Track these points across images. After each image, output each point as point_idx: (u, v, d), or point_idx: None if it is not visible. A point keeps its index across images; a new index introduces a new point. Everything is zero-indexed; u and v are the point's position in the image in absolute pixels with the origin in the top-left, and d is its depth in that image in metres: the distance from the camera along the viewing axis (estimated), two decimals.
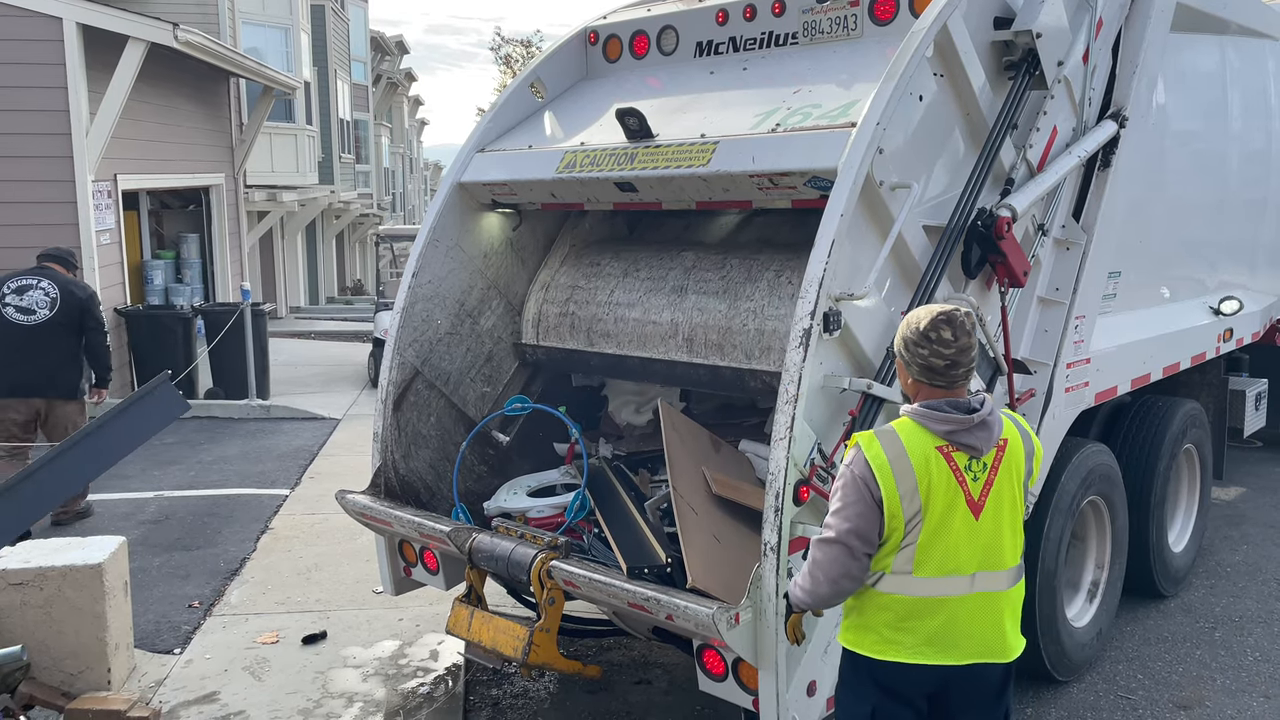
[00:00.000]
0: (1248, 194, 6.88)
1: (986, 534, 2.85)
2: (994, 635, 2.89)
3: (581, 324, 5.04)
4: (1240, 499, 8.11)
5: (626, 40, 5.33)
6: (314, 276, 27.42)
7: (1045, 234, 4.61)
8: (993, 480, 2.85)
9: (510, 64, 44.18)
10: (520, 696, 4.92)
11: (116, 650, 4.80)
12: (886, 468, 2.81)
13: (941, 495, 2.81)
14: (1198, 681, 5.13)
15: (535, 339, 5.25)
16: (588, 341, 5.01)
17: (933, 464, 2.82)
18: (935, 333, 2.83)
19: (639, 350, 4.80)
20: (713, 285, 4.66)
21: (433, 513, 4.75)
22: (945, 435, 2.83)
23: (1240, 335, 7.02)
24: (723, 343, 4.50)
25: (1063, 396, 4.76)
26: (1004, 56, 4.31)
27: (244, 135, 16.24)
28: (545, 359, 5.26)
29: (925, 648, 2.86)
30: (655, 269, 4.93)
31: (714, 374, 4.55)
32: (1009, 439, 2.91)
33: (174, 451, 9.64)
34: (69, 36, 10.84)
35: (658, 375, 4.83)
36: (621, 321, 4.88)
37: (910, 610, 2.86)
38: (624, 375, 5.08)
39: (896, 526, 2.83)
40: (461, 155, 5.14)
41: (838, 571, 2.86)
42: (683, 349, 4.64)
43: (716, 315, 4.56)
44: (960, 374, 2.85)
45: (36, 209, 11.08)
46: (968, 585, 2.84)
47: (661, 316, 4.74)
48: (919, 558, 2.83)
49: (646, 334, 4.78)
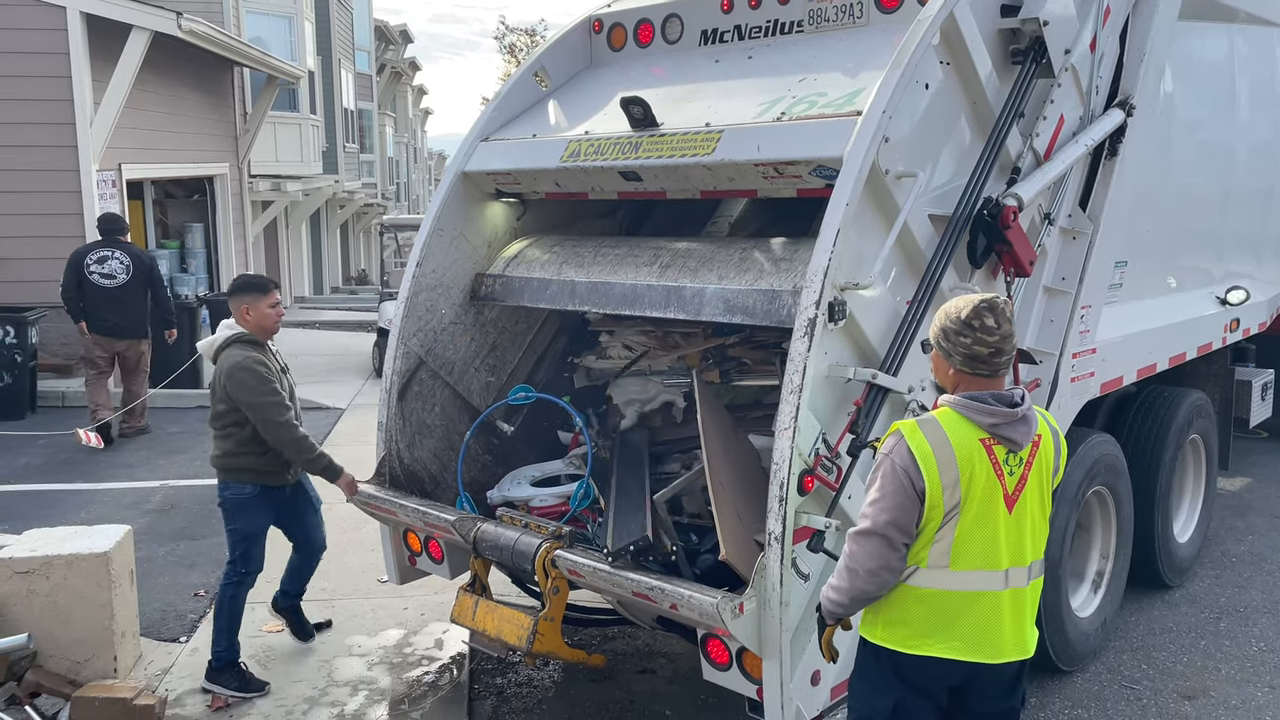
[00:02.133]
0: (1255, 183, 6.85)
1: (1017, 530, 2.84)
2: (1022, 632, 2.90)
3: (558, 258, 4.88)
4: (1246, 489, 8.09)
5: (631, 29, 5.31)
6: (318, 266, 27.44)
7: (1051, 223, 4.59)
8: (1026, 476, 2.83)
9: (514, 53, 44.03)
10: (525, 685, 4.93)
11: (122, 638, 4.81)
12: (931, 458, 2.75)
13: (982, 488, 2.78)
14: (1202, 672, 5.13)
15: (502, 269, 5.02)
16: (557, 271, 4.81)
17: (975, 456, 2.77)
18: (979, 320, 2.80)
19: (609, 276, 4.59)
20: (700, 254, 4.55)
21: (437, 502, 4.76)
22: (989, 428, 2.79)
23: (1247, 325, 7.00)
24: (699, 268, 4.33)
25: (1068, 387, 4.74)
26: (1011, 44, 4.29)
27: (248, 125, 16.23)
28: (501, 290, 4.96)
29: (959, 643, 2.83)
30: (651, 246, 4.83)
31: (676, 294, 4.28)
32: (1043, 435, 2.89)
33: (179, 441, 9.66)
34: (73, 25, 10.84)
35: (620, 299, 4.49)
36: (602, 256, 4.74)
37: (946, 605, 2.82)
38: (585, 302, 4.65)
39: (934, 518, 2.77)
40: (465, 144, 5.13)
41: (877, 564, 2.78)
42: (654, 275, 4.44)
43: (700, 254, 4.44)
44: (1003, 362, 2.83)
45: (41, 198, 11.10)
46: (1001, 581, 2.82)
47: (643, 253, 4.62)
48: (956, 551, 2.79)
49: (623, 262, 4.62)
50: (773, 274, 4.07)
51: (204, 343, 4.85)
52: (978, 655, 2.84)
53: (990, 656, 2.84)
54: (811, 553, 3.40)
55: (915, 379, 3.74)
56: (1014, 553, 2.84)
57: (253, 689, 4.70)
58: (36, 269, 11.11)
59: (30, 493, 7.90)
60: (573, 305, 4.71)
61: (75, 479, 8.30)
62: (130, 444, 9.48)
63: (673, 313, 4.30)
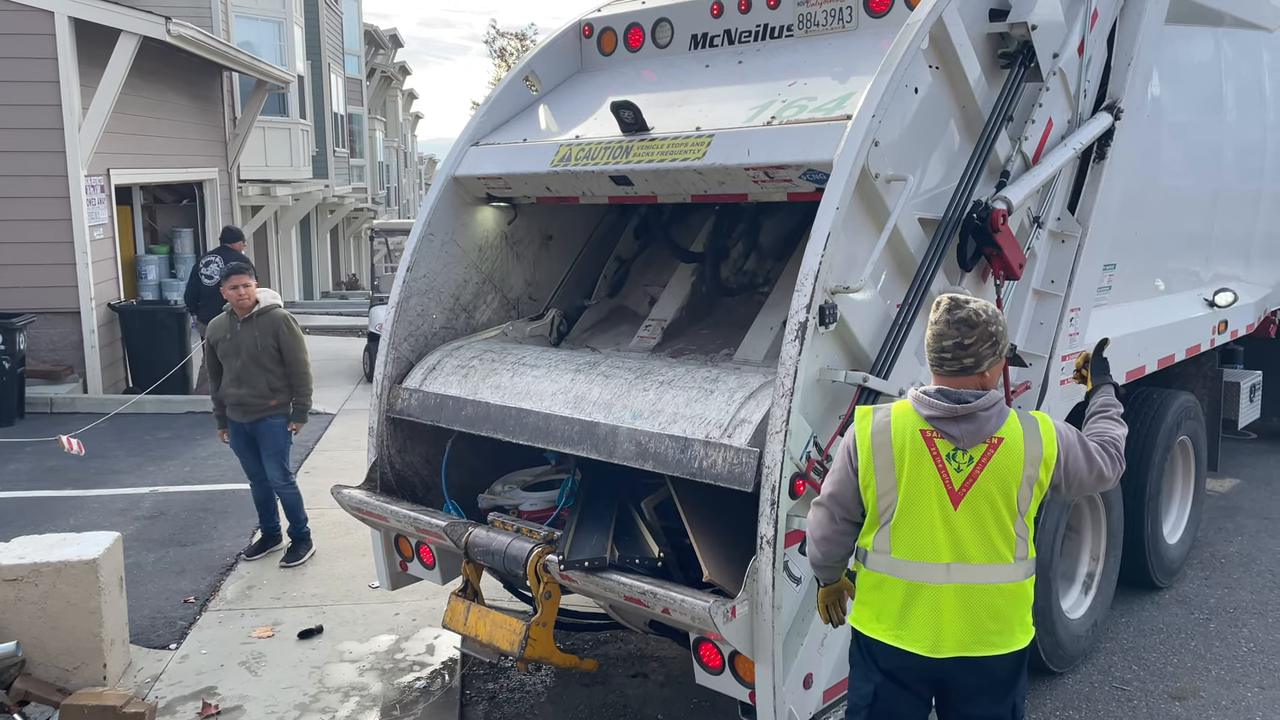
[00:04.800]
0: (1243, 186, 6.88)
1: (965, 526, 2.85)
2: (979, 629, 2.87)
3: (475, 374, 4.64)
4: (1235, 491, 8.13)
5: (621, 33, 5.32)
6: (308, 271, 27.37)
7: (1040, 226, 4.61)
8: (976, 475, 2.85)
9: (505, 57, 44.11)
10: (517, 690, 4.92)
11: (112, 646, 4.79)
12: (867, 440, 2.94)
13: (915, 476, 2.87)
14: (1192, 672, 5.14)
15: (420, 382, 4.76)
16: (473, 390, 4.56)
17: (910, 444, 2.88)
18: (940, 321, 2.90)
19: (522, 401, 4.37)
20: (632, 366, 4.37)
21: (429, 507, 4.75)
22: (928, 420, 2.89)
23: (1235, 327, 7.03)
24: (615, 400, 4.12)
25: (1058, 389, 4.76)
26: (999, 48, 4.31)
27: (237, 129, 16.18)
28: (418, 407, 4.70)
29: (904, 631, 2.90)
30: (574, 363, 4.57)
31: (589, 431, 4.08)
32: (1006, 439, 2.87)
33: (169, 447, 9.62)
34: (61, 30, 10.79)
35: (534, 430, 4.29)
36: (520, 375, 4.51)
37: (893, 591, 2.92)
38: (499, 429, 4.43)
39: (870, 500, 2.94)
40: (456, 149, 5.13)
41: (820, 533, 3.07)
42: (568, 405, 4.22)
43: (622, 377, 4.24)
44: (968, 364, 2.87)
45: (29, 204, 11.05)
46: (944, 574, 2.86)
47: (561, 378, 4.39)
48: (894, 538, 2.91)
49: (539, 384, 4.40)
50: (690, 412, 3.86)
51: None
52: (916, 645, 2.88)
53: (928, 649, 2.87)
54: (803, 556, 3.41)
55: (906, 382, 3.75)
56: (957, 548, 2.86)
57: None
58: (25, 275, 11.06)
59: (18, 500, 7.86)
60: (487, 431, 4.44)
61: (64, 485, 8.26)
62: (119, 450, 9.44)
63: (585, 451, 4.08)
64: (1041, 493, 2.92)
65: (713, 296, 5.30)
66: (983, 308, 2.90)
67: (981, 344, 2.87)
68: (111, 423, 9.93)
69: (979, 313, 2.88)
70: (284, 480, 6.53)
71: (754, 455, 3.53)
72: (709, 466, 3.66)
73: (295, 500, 6.55)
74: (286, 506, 6.58)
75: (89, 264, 11.24)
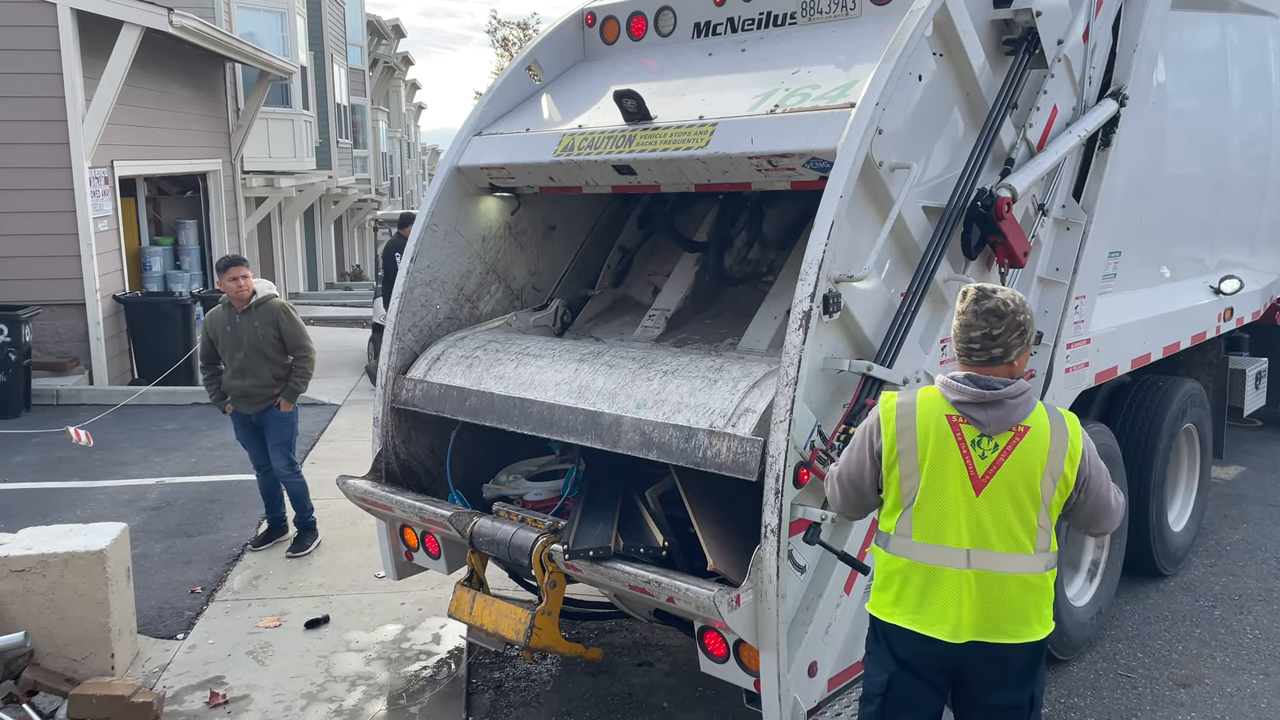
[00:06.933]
0: (1248, 173, 6.86)
1: (987, 513, 2.84)
2: (996, 616, 2.87)
3: (480, 364, 4.64)
4: (1240, 478, 8.12)
5: (624, 22, 5.30)
6: (312, 262, 27.39)
7: (1045, 214, 4.59)
8: (1001, 462, 2.84)
9: (507, 47, 43.98)
10: (522, 679, 4.94)
11: (120, 636, 4.81)
12: (892, 421, 2.93)
13: (939, 460, 2.86)
14: (1197, 660, 5.15)
15: (424, 372, 4.76)
16: (477, 380, 4.56)
17: (935, 427, 2.87)
18: (968, 312, 2.89)
19: (526, 391, 4.37)
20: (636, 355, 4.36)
21: (434, 497, 4.76)
22: (955, 405, 2.88)
23: (1240, 314, 7.02)
24: (619, 390, 4.11)
25: (1063, 377, 4.75)
26: (1004, 35, 4.29)
27: (240, 120, 16.17)
28: (422, 397, 4.70)
29: (921, 616, 2.89)
30: (579, 352, 4.56)
31: (594, 421, 4.08)
32: (1033, 428, 2.85)
33: (175, 438, 9.65)
34: (64, 22, 10.79)
35: (538, 420, 4.29)
36: (524, 365, 4.51)
37: (914, 575, 2.91)
38: (503, 420, 4.43)
39: (893, 481, 2.93)
40: (459, 139, 5.12)
41: (834, 506, 3.20)
42: (572, 395, 4.22)
43: (627, 366, 4.23)
44: (996, 354, 2.86)
45: (33, 196, 11.06)
46: (964, 560, 2.85)
47: (565, 368, 4.39)
48: (915, 520, 2.90)
49: (543, 373, 4.39)
50: (694, 401, 3.84)
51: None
52: (935, 630, 2.88)
53: (948, 634, 2.87)
54: (808, 545, 3.41)
55: (911, 370, 3.75)
56: (978, 535, 2.85)
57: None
58: (30, 267, 11.08)
59: (25, 491, 7.89)
60: (492, 421, 4.45)
61: (70, 477, 8.29)
62: (125, 441, 9.47)
63: (589, 441, 4.08)
64: (1067, 489, 2.88)
65: (716, 286, 5.29)
66: (1010, 297, 2.89)
67: (1010, 334, 2.86)
68: (117, 414, 9.96)
69: (1007, 302, 2.86)
70: (290, 470, 6.54)
71: (758, 444, 3.53)
72: (713, 456, 3.67)
73: (301, 490, 6.57)
74: (292, 497, 6.59)
75: (94, 256, 11.26)
